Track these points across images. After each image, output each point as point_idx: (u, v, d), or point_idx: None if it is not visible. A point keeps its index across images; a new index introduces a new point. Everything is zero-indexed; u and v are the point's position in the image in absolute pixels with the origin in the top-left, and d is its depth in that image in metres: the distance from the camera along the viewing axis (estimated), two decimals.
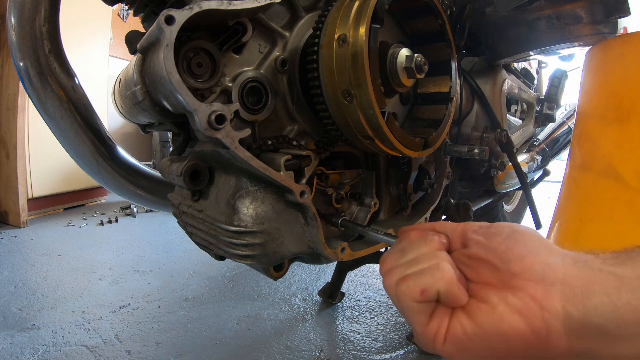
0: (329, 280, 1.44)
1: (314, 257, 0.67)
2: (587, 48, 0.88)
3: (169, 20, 0.48)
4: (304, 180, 0.59)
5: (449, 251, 0.38)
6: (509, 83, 1.15)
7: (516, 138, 1.25)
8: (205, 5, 0.51)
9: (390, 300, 1.38)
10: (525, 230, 0.35)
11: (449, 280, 0.33)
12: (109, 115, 3.16)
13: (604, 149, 0.78)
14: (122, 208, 2.93)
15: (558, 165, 1.42)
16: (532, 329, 0.29)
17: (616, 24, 0.87)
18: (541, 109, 1.34)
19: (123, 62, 3.59)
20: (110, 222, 2.59)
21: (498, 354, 0.31)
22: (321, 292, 1.43)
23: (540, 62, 1.69)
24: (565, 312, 0.29)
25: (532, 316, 0.30)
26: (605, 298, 0.28)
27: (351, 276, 1.59)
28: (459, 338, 0.32)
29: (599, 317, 0.28)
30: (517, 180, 1.16)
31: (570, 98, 1.68)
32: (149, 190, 0.89)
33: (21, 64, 0.71)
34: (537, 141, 1.44)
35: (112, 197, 3.32)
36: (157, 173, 0.91)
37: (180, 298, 1.47)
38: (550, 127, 1.54)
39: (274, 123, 0.65)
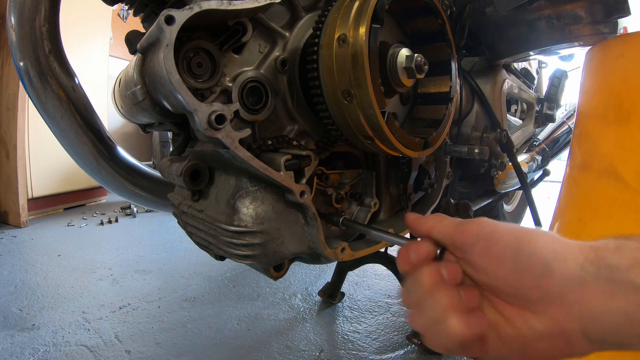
0: (329, 280, 1.44)
1: (314, 257, 0.67)
2: (587, 48, 0.88)
3: (169, 20, 0.48)
4: (304, 180, 0.59)
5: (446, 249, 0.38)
6: (509, 83, 1.15)
7: (516, 138, 1.25)
8: (205, 5, 0.51)
9: (390, 301, 1.38)
10: (531, 242, 0.32)
11: (461, 336, 0.33)
12: (109, 115, 3.16)
13: (604, 149, 0.78)
14: (122, 208, 2.93)
15: (558, 165, 1.42)
16: (555, 347, 0.31)
17: (616, 24, 0.87)
18: (541, 109, 1.34)
19: (123, 62, 3.59)
20: (110, 222, 2.59)
21: None
22: (321, 292, 1.43)
23: (540, 62, 1.69)
24: (584, 332, 0.30)
25: (555, 338, 0.31)
26: (623, 318, 0.28)
27: (351, 276, 1.59)
28: (495, 351, 0.34)
29: (617, 337, 0.29)
30: (517, 180, 1.16)
31: (570, 98, 1.68)
32: (149, 190, 0.89)
33: (21, 64, 0.72)
34: (537, 141, 1.44)
35: (112, 197, 3.32)
36: (157, 173, 0.91)
37: (180, 298, 1.47)
38: (550, 127, 1.54)
39: (274, 123, 0.65)
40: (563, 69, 1.35)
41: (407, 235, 0.78)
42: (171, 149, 0.78)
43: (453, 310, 0.33)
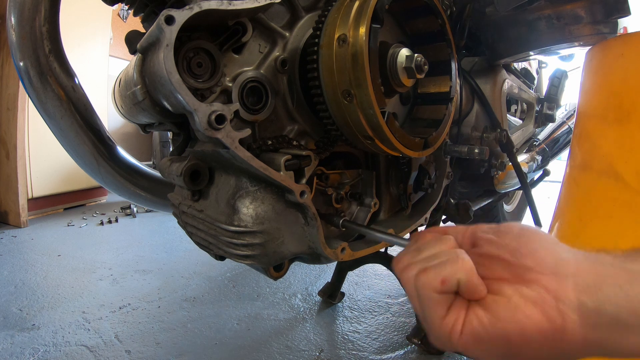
0: (329, 280, 1.44)
1: (314, 257, 0.67)
2: (587, 48, 0.88)
3: (169, 20, 0.48)
4: (304, 180, 0.59)
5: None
6: (509, 83, 1.15)
7: (516, 138, 1.25)
8: (205, 5, 0.51)
9: (390, 301, 1.38)
10: (534, 229, 0.36)
11: (469, 270, 0.33)
12: (109, 115, 3.16)
13: (604, 149, 0.78)
14: (122, 208, 2.93)
15: (558, 165, 1.42)
16: (547, 318, 0.30)
17: (616, 24, 0.87)
18: (541, 109, 1.34)
19: (123, 62, 3.59)
20: (110, 222, 2.59)
21: (514, 346, 0.31)
22: (321, 292, 1.43)
23: (540, 62, 1.69)
24: (579, 302, 0.30)
25: (547, 306, 0.30)
26: (618, 289, 0.29)
27: (351, 276, 1.59)
28: (476, 330, 0.32)
29: (612, 306, 0.29)
30: (517, 180, 1.16)
31: (570, 98, 1.68)
32: (149, 190, 0.89)
33: (21, 64, 0.72)
34: (537, 141, 1.44)
35: (112, 197, 3.32)
36: (157, 173, 0.91)
37: (180, 298, 1.47)
38: (550, 127, 1.54)
39: (274, 123, 0.65)
40: (563, 69, 1.35)
41: (407, 236, 0.78)
42: (171, 149, 0.78)
43: (469, 259, 0.35)
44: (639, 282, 0.29)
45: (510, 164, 1.08)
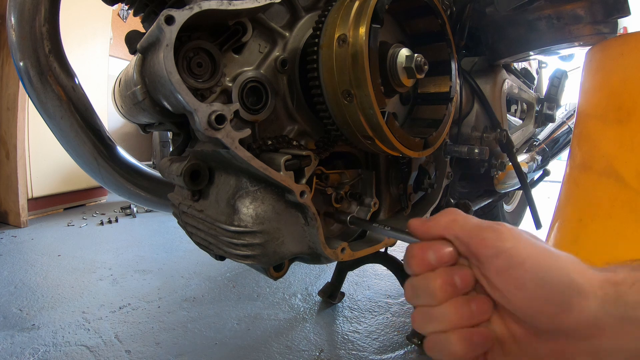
0: (329, 280, 1.44)
1: (314, 257, 0.67)
2: (587, 48, 0.88)
3: (169, 20, 0.48)
4: (304, 180, 0.59)
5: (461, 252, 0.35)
6: (509, 83, 1.15)
7: (516, 138, 1.25)
8: (205, 5, 0.51)
9: (390, 301, 1.38)
10: (553, 270, 0.30)
11: (461, 356, 0.32)
12: (109, 115, 3.16)
13: (604, 149, 0.78)
14: (122, 208, 2.93)
15: (558, 165, 1.42)
16: None
17: (616, 24, 0.87)
18: (541, 109, 1.34)
19: (123, 62, 3.59)
20: (110, 222, 2.59)
21: None
22: (321, 292, 1.43)
23: (540, 62, 1.69)
24: None
25: None
26: (632, 354, 0.29)
27: (351, 276, 1.59)
28: None
29: None
30: (517, 180, 1.16)
31: (570, 98, 1.68)
32: (149, 190, 0.89)
33: (21, 64, 0.72)
34: (537, 141, 1.44)
35: (112, 197, 3.32)
36: (157, 173, 0.91)
37: (180, 298, 1.47)
38: (550, 127, 1.54)
39: (274, 123, 0.65)
40: (563, 69, 1.35)
41: None
42: (171, 149, 0.78)
43: (458, 328, 0.32)
44: None
45: (510, 164, 1.08)
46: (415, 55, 0.62)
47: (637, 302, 0.28)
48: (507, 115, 1.17)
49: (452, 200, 1.01)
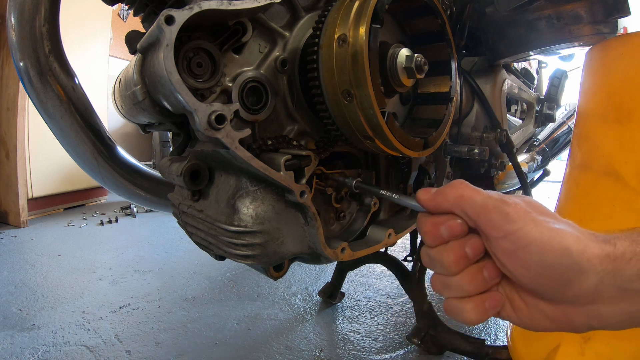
0: (329, 280, 1.44)
1: (314, 257, 0.67)
2: (587, 48, 0.88)
3: (169, 20, 0.48)
4: (304, 180, 0.59)
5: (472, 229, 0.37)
6: (509, 83, 1.15)
7: (516, 138, 1.25)
8: (205, 5, 0.51)
9: (390, 301, 1.38)
10: (556, 250, 0.32)
11: (475, 321, 0.36)
12: (109, 115, 3.16)
13: (604, 149, 0.78)
14: (122, 208, 2.93)
15: (558, 165, 1.42)
16: (560, 329, 0.35)
17: (616, 24, 0.87)
18: (541, 109, 1.34)
19: (123, 62, 3.59)
20: (110, 222, 2.59)
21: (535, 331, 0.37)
22: (321, 292, 1.43)
23: (540, 62, 1.69)
24: (589, 324, 0.34)
25: (562, 324, 0.35)
26: (627, 317, 0.33)
27: (351, 276, 1.59)
28: (508, 319, 0.38)
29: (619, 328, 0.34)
30: (517, 180, 1.16)
31: (570, 98, 1.68)
32: (149, 190, 0.89)
33: (21, 64, 0.72)
34: (537, 141, 1.44)
35: (112, 197, 3.32)
36: (157, 173, 0.91)
37: (180, 298, 1.47)
38: (550, 127, 1.54)
39: (274, 123, 0.65)
40: (563, 69, 1.35)
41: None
42: (171, 149, 0.78)
43: (472, 296, 0.36)
44: None
45: (510, 164, 1.08)
46: (415, 55, 0.62)
47: (633, 276, 0.31)
48: (507, 115, 1.17)
49: None
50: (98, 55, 3.08)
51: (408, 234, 0.96)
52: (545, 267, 0.32)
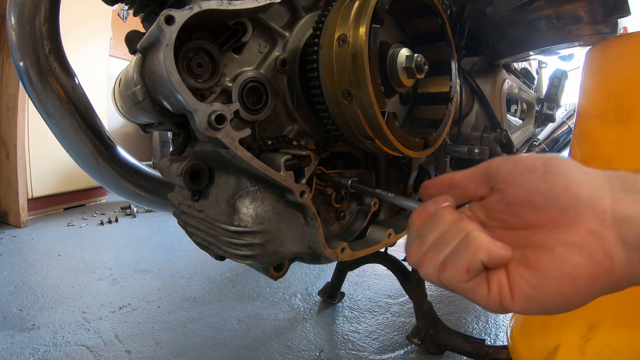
0: (329, 280, 1.44)
1: (314, 257, 0.67)
2: (587, 48, 0.88)
3: (169, 20, 0.48)
4: (304, 180, 0.59)
5: (474, 199, 0.36)
6: (509, 83, 1.15)
7: (516, 138, 1.25)
8: (205, 5, 0.51)
9: (390, 301, 1.38)
10: (558, 159, 0.32)
11: (487, 246, 0.31)
12: (109, 115, 3.16)
13: (604, 149, 0.78)
14: (122, 208, 2.93)
15: None
16: (596, 262, 0.29)
17: (616, 24, 0.87)
18: (541, 109, 1.34)
19: (123, 62, 3.59)
20: (110, 222, 2.59)
21: (569, 295, 0.30)
22: (321, 292, 1.43)
23: (540, 62, 1.69)
24: (623, 237, 0.29)
25: (593, 250, 0.29)
26: None
27: (351, 276, 1.59)
28: (527, 293, 0.31)
29: None
30: None
31: (570, 98, 1.68)
32: (149, 190, 0.89)
33: (21, 64, 0.72)
34: (537, 141, 1.44)
35: (112, 197, 3.32)
36: (157, 173, 0.91)
37: (180, 298, 1.47)
38: (550, 127, 1.54)
39: (274, 123, 0.65)
40: (563, 69, 1.35)
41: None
42: (171, 149, 0.78)
43: (475, 228, 0.33)
44: None
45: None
46: (415, 55, 0.62)
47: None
48: (507, 115, 1.17)
49: None
50: (98, 55, 3.08)
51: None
52: (547, 166, 0.31)
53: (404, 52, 0.64)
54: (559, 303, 0.30)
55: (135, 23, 2.35)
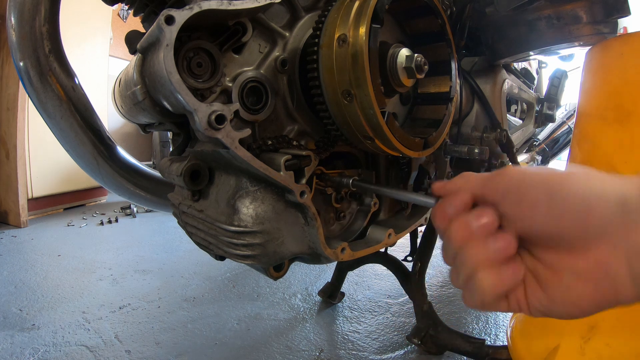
0: (329, 280, 1.44)
1: (314, 257, 0.67)
2: (587, 48, 0.88)
3: (169, 20, 0.48)
4: (304, 180, 0.59)
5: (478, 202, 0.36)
6: (509, 83, 1.15)
7: (516, 138, 1.25)
8: (205, 5, 0.51)
9: (390, 301, 1.38)
10: (564, 183, 0.30)
11: (492, 291, 0.32)
12: (109, 115, 3.16)
13: (604, 149, 0.78)
14: (122, 208, 2.93)
15: (558, 165, 1.42)
16: (601, 293, 0.29)
17: (616, 24, 0.87)
18: (541, 109, 1.34)
19: (123, 62, 3.59)
20: (110, 222, 2.59)
21: (575, 315, 0.32)
22: (321, 292, 1.43)
23: (540, 62, 1.70)
24: (632, 271, 0.28)
25: (599, 281, 0.29)
26: None
27: (351, 276, 1.59)
28: (539, 309, 0.33)
29: None
30: None
31: (570, 98, 1.68)
32: (149, 190, 0.89)
33: (21, 64, 0.72)
34: (537, 141, 1.44)
35: (112, 197, 3.32)
36: (157, 173, 0.91)
37: (180, 298, 1.47)
38: (550, 127, 1.54)
39: (274, 123, 0.65)
40: (563, 69, 1.35)
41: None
42: (171, 149, 0.78)
43: (482, 263, 0.32)
44: None
45: (510, 164, 1.08)
46: (415, 55, 0.62)
47: None
48: (507, 115, 1.17)
49: None
50: (98, 55, 3.08)
51: (408, 234, 0.96)
52: (554, 197, 0.30)
53: (404, 52, 0.64)
54: (570, 316, 0.32)
55: (135, 23, 2.34)
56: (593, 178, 0.30)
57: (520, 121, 1.38)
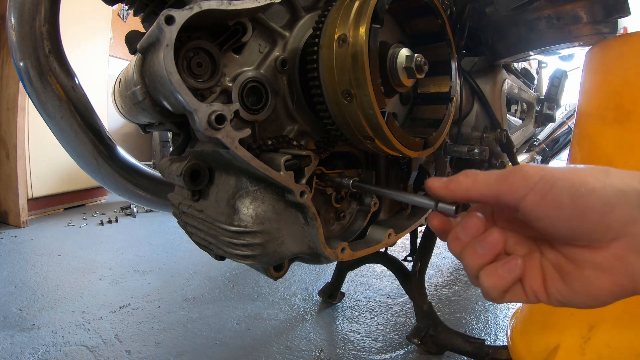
0: (329, 280, 1.44)
1: (314, 257, 0.67)
2: (587, 48, 0.88)
3: (169, 20, 0.48)
4: (304, 180, 0.59)
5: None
6: (509, 83, 1.15)
7: (516, 138, 1.25)
8: (205, 5, 0.50)
9: (390, 301, 1.38)
10: (586, 181, 0.30)
11: (495, 290, 0.34)
12: (109, 115, 3.16)
13: (604, 149, 0.78)
14: (122, 208, 2.93)
15: (558, 165, 1.42)
16: (619, 285, 0.31)
17: (616, 24, 0.87)
18: (541, 109, 1.34)
19: (123, 62, 3.60)
20: (110, 222, 2.59)
21: (593, 305, 0.33)
22: (321, 292, 1.43)
23: (540, 62, 1.70)
24: None
25: (619, 275, 0.30)
26: None
27: (351, 276, 1.59)
28: (559, 300, 0.34)
29: None
30: None
31: (570, 98, 1.68)
32: (149, 190, 0.89)
33: (21, 64, 0.71)
34: (537, 141, 1.44)
35: (112, 197, 3.32)
36: (157, 173, 0.91)
37: (180, 298, 1.47)
38: (550, 127, 1.54)
39: (274, 123, 0.65)
40: (563, 69, 1.35)
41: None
42: (171, 149, 0.78)
43: (479, 266, 0.35)
44: None
45: (510, 164, 1.08)
46: (415, 55, 0.62)
47: None
48: (507, 115, 1.17)
49: None
50: (98, 55, 3.08)
51: (408, 234, 0.96)
52: (577, 198, 0.30)
53: (404, 52, 0.64)
54: (588, 307, 0.33)
55: (135, 23, 2.35)
56: (613, 176, 0.31)
57: (520, 121, 1.38)
